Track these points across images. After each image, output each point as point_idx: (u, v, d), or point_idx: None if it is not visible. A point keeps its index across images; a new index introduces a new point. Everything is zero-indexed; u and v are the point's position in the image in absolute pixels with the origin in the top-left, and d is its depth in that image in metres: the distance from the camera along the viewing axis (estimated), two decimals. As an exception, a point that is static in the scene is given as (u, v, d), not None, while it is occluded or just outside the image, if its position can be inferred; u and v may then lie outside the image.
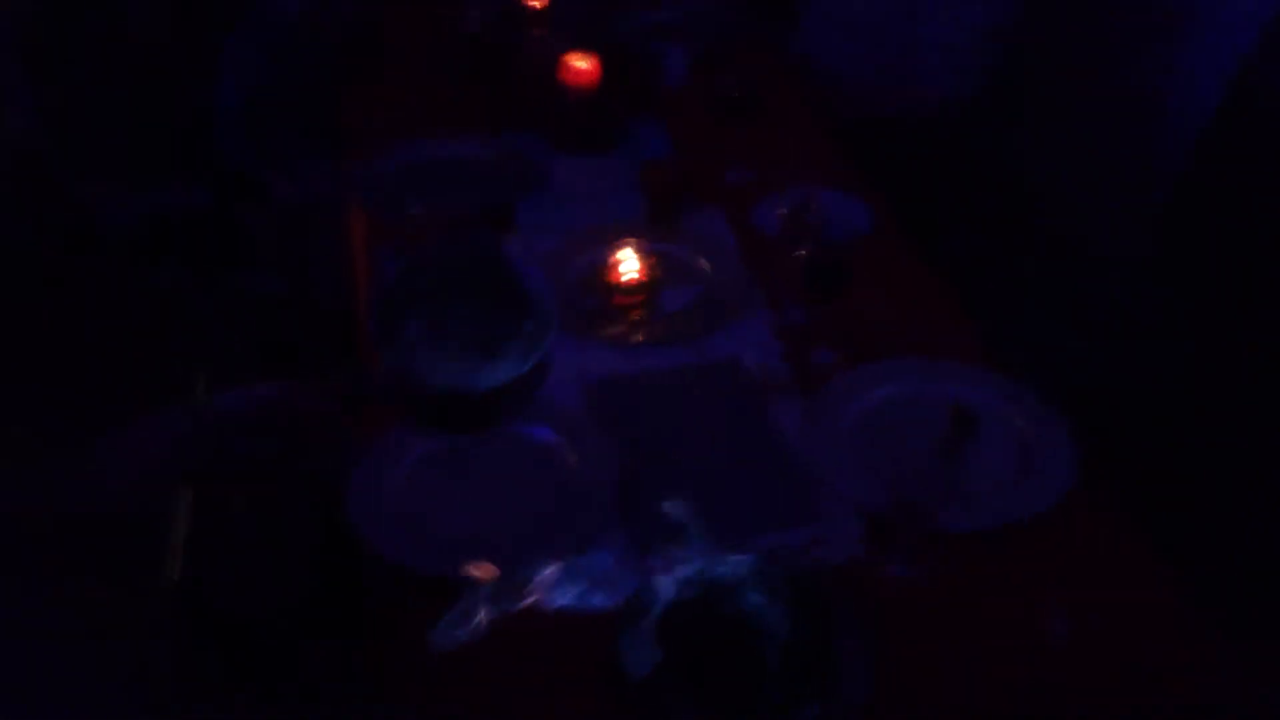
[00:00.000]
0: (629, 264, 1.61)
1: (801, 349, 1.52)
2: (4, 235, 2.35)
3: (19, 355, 1.82)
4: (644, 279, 1.62)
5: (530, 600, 1.18)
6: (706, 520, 1.28)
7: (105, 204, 2.21)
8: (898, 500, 1.21)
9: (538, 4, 2.33)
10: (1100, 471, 1.30)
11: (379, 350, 1.18)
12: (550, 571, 1.22)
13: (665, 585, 1.15)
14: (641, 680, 1.09)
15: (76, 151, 2.31)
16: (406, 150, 2.00)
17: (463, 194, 1.88)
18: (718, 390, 1.48)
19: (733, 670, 1.10)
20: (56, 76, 2.44)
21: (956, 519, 1.23)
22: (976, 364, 1.47)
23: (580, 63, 1.98)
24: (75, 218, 2.21)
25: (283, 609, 1.29)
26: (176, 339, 2.19)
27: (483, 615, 1.14)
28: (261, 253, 2.23)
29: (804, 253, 1.54)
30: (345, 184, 1.99)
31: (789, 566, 1.17)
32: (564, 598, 1.20)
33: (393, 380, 1.20)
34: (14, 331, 1.96)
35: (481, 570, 1.07)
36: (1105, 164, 1.90)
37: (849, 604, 1.15)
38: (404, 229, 1.72)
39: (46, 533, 1.06)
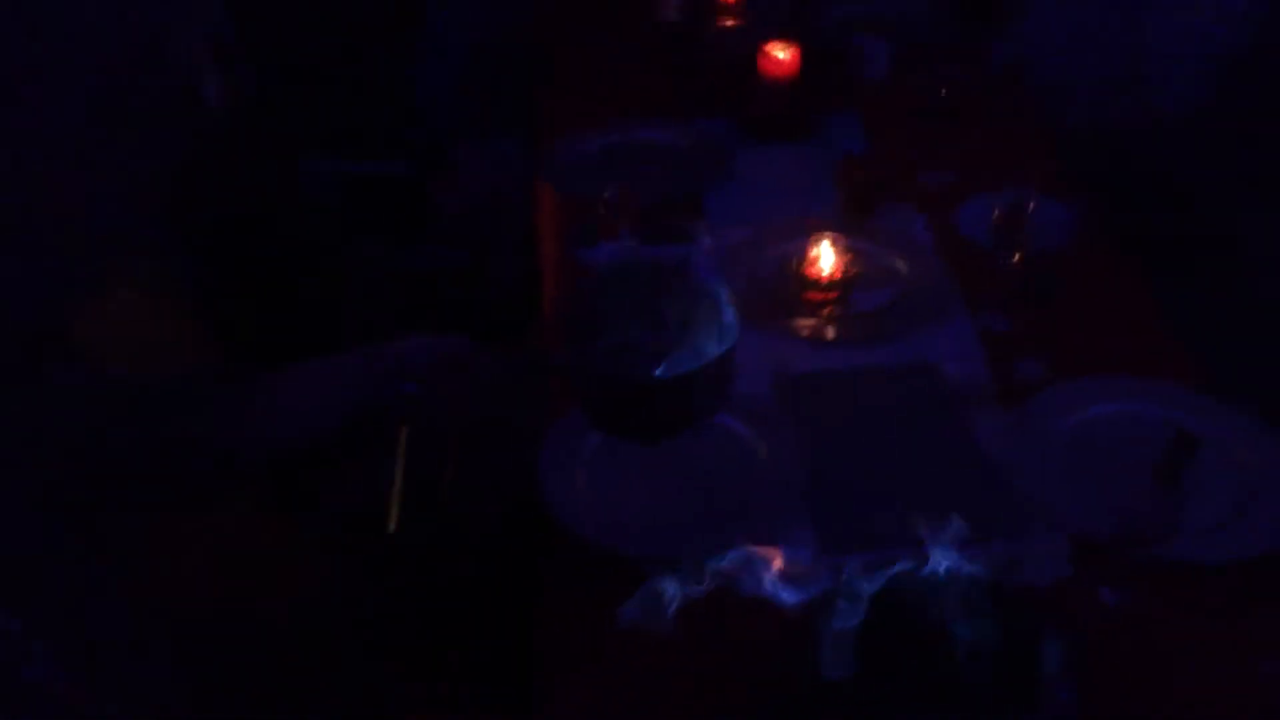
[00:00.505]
0: (824, 258, 1.58)
1: (1006, 358, 1.45)
2: (211, 201, 2.46)
3: (221, 315, 1.90)
4: (839, 275, 1.58)
5: (717, 585, 1.17)
6: (904, 525, 1.24)
7: (308, 172, 2.28)
8: (1112, 524, 1.15)
9: (736, -5, 2.31)
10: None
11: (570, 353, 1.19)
12: (740, 558, 1.20)
13: (862, 586, 1.12)
14: (835, 681, 1.05)
15: (284, 122, 2.40)
16: (599, 134, 2.00)
17: (652, 179, 1.87)
18: (913, 393, 1.43)
19: (930, 679, 1.05)
20: (267, 51, 2.53)
21: (1174, 548, 1.15)
22: (1193, 385, 1.38)
23: (779, 52, 1.95)
24: (280, 185, 2.29)
25: (475, 572, 1.30)
26: (365, 305, 2.25)
27: (672, 597, 1.12)
28: (449, 226, 2.27)
29: (1016, 259, 1.48)
30: (536, 164, 2.01)
31: (993, 579, 1.11)
32: (754, 586, 1.18)
33: (579, 379, 1.19)
34: (216, 294, 2.04)
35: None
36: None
37: (1054, 624, 1.09)
38: (593, 211, 1.71)
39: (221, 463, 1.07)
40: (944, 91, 1.93)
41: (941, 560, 1.13)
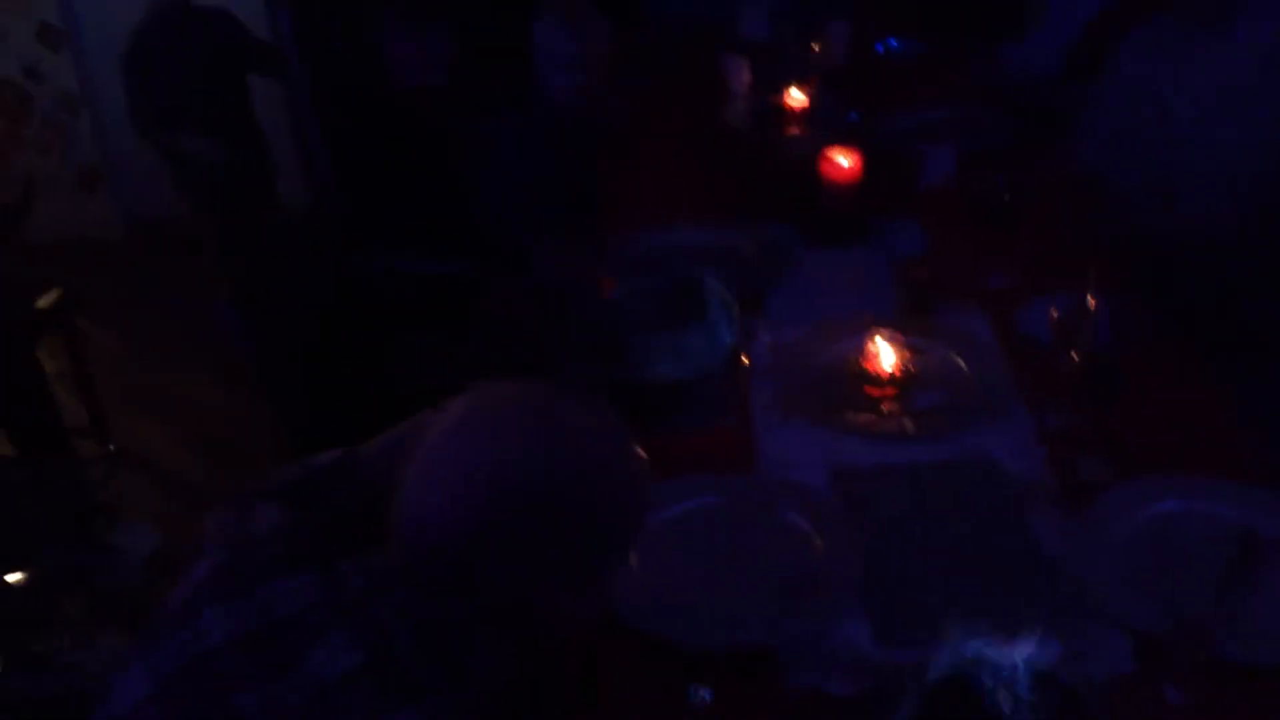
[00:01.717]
0: (884, 354, 1.59)
1: (1068, 457, 1.44)
2: (281, 294, 2.56)
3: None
4: (898, 371, 1.59)
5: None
6: (961, 619, 1.23)
7: (376, 269, 2.37)
8: (1178, 622, 1.13)
9: (799, 104, 2.38)
10: None
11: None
12: (797, 646, 1.19)
13: (917, 676, 1.10)
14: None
15: (354, 221, 2.50)
16: (664, 234, 2.06)
17: (714, 278, 1.91)
18: (973, 489, 1.43)
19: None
20: (345, 155, 2.66)
21: (1240, 649, 1.13)
22: (1259, 484, 1.36)
23: (841, 158, 2.00)
24: (347, 281, 2.38)
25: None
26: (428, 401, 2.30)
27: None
28: (518, 324, 2.33)
29: (1077, 357, 1.48)
30: (603, 262, 2.07)
31: (1053, 675, 1.09)
32: (806, 677, 1.17)
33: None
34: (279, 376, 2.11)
35: None
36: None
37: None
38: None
39: None
40: (1007, 196, 1.95)
41: (1000, 655, 1.12)
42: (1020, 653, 1.13)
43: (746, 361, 1.58)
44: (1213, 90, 1.86)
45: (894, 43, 2.83)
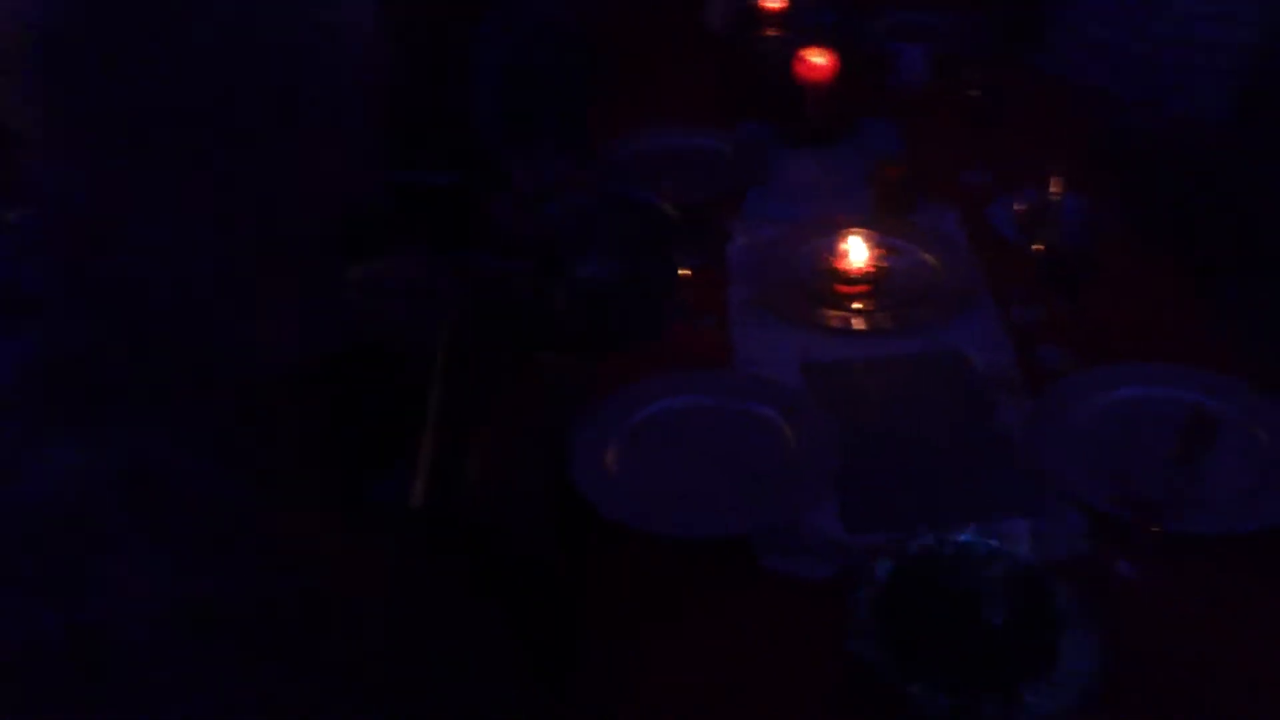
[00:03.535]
0: (856, 252, 1.63)
1: (1032, 347, 1.49)
2: (267, 212, 2.56)
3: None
4: (870, 268, 1.62)
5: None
6: (927, 504, 1.29)
7: (361, 185, 2.37)
8: (1128, 498, 1.18)
9: (777, 5, 2.37)
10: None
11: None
12: (770, 533, 1.25)
13: (886, 559, 1.16)
14: (858, 650, 1.10)
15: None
16: (642, 139, 2.07)
17: (694, 182, 1.93)
18: (941, 381, 1.47)
19: (953, 650, 1.09)
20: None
21: (1190, 522, 1.18)
22: (1220, 372, 1.41)
23: (816, 58, 2.00)
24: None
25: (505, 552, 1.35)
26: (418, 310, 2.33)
27: None
28: (502, 235, 2.34)
29: (1040, 249, 1.52)
30: (584, 171, 2.08)
31: (1012, 554, 1.15)
32: (782, 563, 1.23)
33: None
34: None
35: None
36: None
37: (1073, 594, 1.12)
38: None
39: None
40: (977, 94, 1.97)
41: (963, 536, 1.18)
42: (983, 534, 1.19)
43: (688, 273, 1.60)
44: None
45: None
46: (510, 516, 1.26)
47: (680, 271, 1.60)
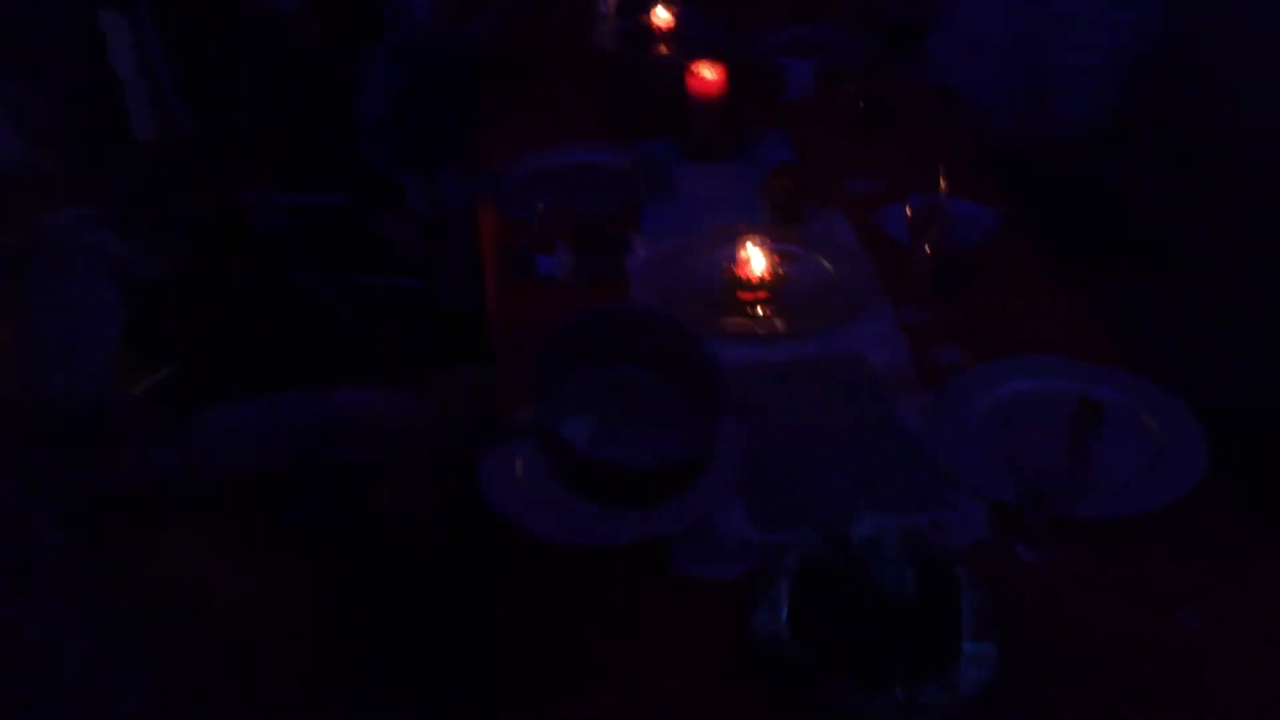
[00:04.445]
0: (754, 260, 1.65)
1: (926, 346, 1.53)
2: (161, 232, 2.50)
3: (166, 342, 1.92)
4: (768, 275, 1.65)
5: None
6: (834, 501, 1.31)
7: (255, 205, 2.34)
8: (1024, 486, 1.22)
9: (665, 24, 2.40)
10: (1232, 465, 1.28)
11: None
12: (681, 537, 1.25)
13: (794, 553, 1.18)
14: (770, 644, 1.11)
15: (231, 157, 2.46)
16: (538, 156, 2.07)
17: (590, 197, 1.94)
18: (842, 382, 1.50)
19: (859, 639, 1.11)
20: (215, 90, 2.60)
21: (1084, 506, 1.23)
22: (1104, 363, 1.47)
23: (706, 73, 2.04)
24: (228, 217, 2.34)
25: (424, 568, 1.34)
26: (312, 332, 2.30)
27: None
28: (397, 254, 2.33)
29: (929, 252, 1.57)
30: (479, 188, 2.08)
31: (915, 540, 1.18)
32: (695, 566, 1.24)
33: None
34: (164, 320, 2.07)
35: None
36: (1234, 199, 1.87)
37: (974, 580, 1.15)
38: (532, 226, 1.78)
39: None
40: (862, 105, 2.03)
41: (867, 529, 1.20)
42: (888, 525, 1.21)
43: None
44: None
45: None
46: (409, 536, 1.25)
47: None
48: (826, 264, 1.71)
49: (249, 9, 2.46)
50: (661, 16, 2.41)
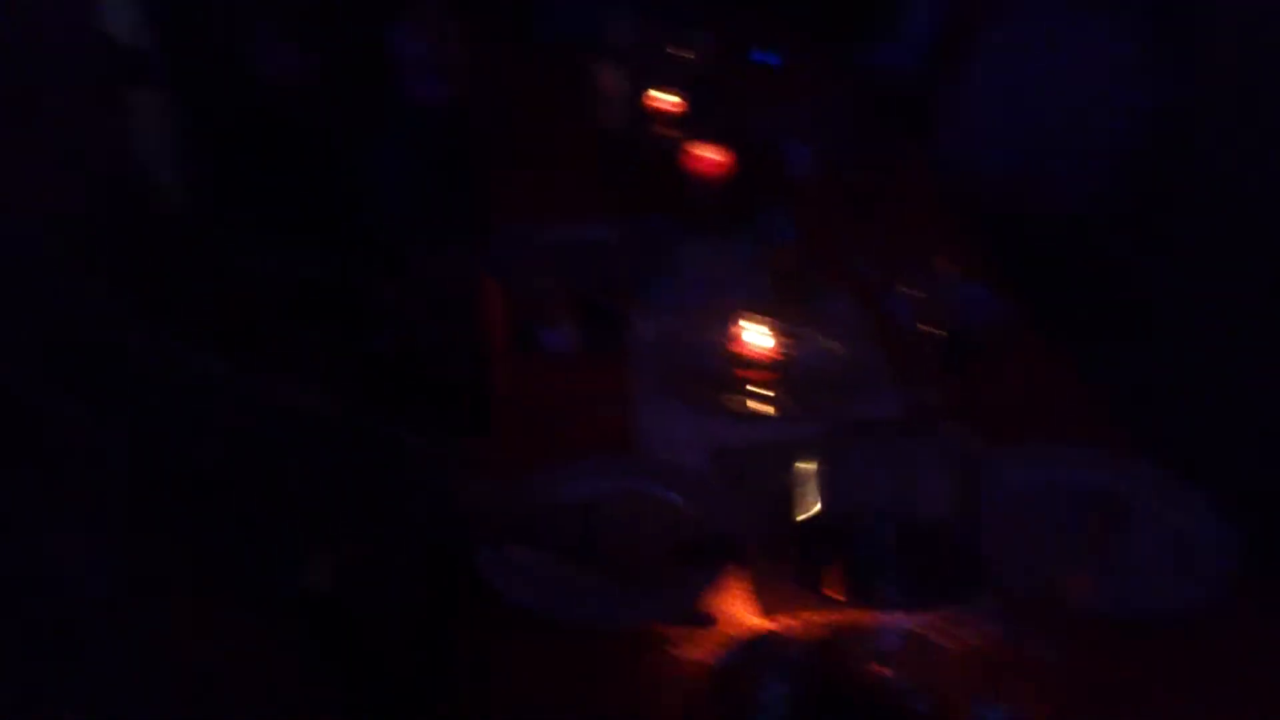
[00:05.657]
0: (756, 337, 1.63)
1: (933, 429, 1.50)
2: (158, 293, 2.49)
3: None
4: (772, 354, 1.63)
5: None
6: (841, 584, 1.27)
7: (254, 269, 2.32)
8: (1038, 582, 1.18)
9: (668, 104, 2.42)
10: (1267, 563, 1.25)
11: None
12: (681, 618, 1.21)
13: (798, 646, 1.14)
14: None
15: (231, 220, 2.45)
16: (541, 230, 2.07)
17: (593, 271, 1.93)
18: (847, 463, 1.47)
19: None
20: (215, 152, 2.61)
21: (1101, 604, 1.19)
22: (1117, 449, 1.44)
23: (708, 152, 2.05)
24: (227, 281, 2.33)
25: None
26: (310, 394, 2.26)
27: None
28: (396, 323, 2.30)
29: (935, 332, 1.55)
30: (481, 261, 2.07)
31: (925, 638, 1.14)
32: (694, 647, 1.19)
33: None
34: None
35: None
36: (1240, 286, 1.88)
37: (988, 680, 1.11)
38: (533, 301, 1.77)
39: None
40: (866, 184, 2.03)
41: (877, 620, 1.16)
42: (894, 619, 1.17)
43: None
44: (1088, 68, 1.94)
45: (762, 56, 2.90)
46: (383, 606, 1.22)
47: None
48: (830, 343, 1.70)
49: (261, 85, 2.48)
50: (664, 98, 2.43)
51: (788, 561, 1.30)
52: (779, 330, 1.66)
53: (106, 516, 0.85)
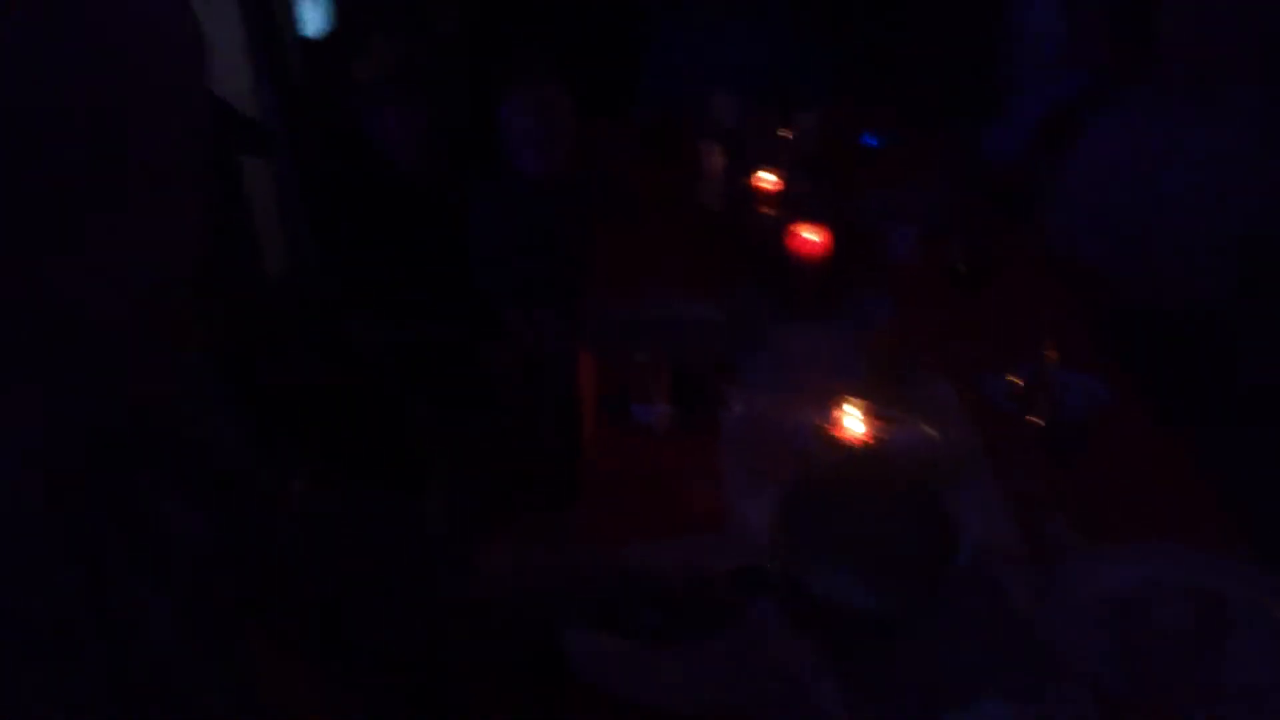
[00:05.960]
0: (852, 422, 1.61)
1: (1034, 519, 1.46)
2: (277, 362, 2.58)
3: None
4: (866, 438, 1.61)
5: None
6: (928, 679, 1.23)
7: (367, 337, 2.40)
8: (1142, 689, 1.13)
9: (770, 185, 2.44)
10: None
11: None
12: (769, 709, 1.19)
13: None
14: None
15: (345, 290, 2.54)
16: (640, 304, 2.09)
17: (688, 347, 1.94)
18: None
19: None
20: (327, 221, 2.72)
21: (1210, 712, 1.13)
22: (1227, 549, 1.38)
23: (810, 234, 2.05)
24: (341, 348, 2.41)
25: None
26: (415, 464, 2.32)
27: None
28: (499, 391, 2.35)
29: (1037, 421, 1.51)
30: (580, 331, 2.10)
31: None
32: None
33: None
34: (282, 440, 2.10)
35: None
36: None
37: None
38: (630, 374, 1.78)
39: None
40: (964, 268, 2.00)
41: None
42: (989, 715, 1.14)
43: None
44: (1201, 159, 1.90)
45: (869, 139, 2.91)
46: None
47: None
48: (927, 428, 1.66)
49: (376, 157, 2.58)
50: (766, 179, 2.45)
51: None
52: (874, 413, 1.64)
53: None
